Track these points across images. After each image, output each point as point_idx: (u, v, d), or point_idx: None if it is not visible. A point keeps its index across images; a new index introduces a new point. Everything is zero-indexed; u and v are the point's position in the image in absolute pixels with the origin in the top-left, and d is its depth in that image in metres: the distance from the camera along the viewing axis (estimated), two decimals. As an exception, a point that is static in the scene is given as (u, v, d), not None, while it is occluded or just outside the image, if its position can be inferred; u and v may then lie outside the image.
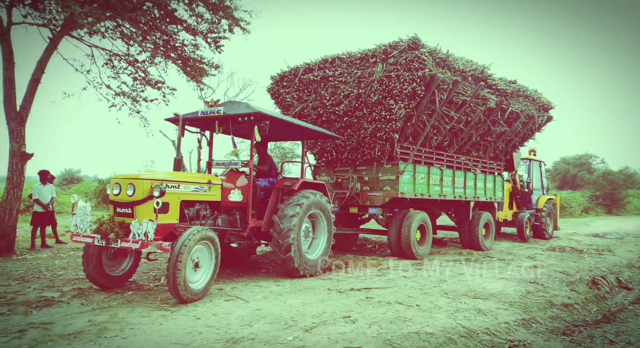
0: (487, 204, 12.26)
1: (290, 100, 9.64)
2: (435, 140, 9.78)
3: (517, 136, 12.01)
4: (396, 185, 8.99)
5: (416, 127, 9.11)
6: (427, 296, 5.57)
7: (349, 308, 4.88)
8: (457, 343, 3.81)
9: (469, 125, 10.15)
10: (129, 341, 3.68)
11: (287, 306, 4.93)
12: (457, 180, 10.70)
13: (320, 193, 6.96)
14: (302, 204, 6.39)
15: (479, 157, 11.58)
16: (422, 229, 9.61)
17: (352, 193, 9.26)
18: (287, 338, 3.80)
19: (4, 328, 4.03)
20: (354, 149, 9.34)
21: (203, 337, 3.81)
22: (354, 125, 9.06)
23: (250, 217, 6.26)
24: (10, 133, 8.94)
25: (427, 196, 9.75)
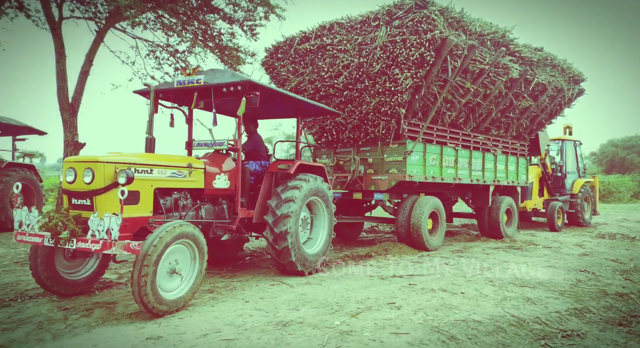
0: (509, 188, 11.08)
1: (286, 74, 8.63)
2: (449, 116, 8.65)
3: (544, 112, 10.73)
4: (403, 167, 7.94)
5: (426, 101, 8.00)
6: (471, 284, 5.50)
7: (392, 294, 4.91)
8: (507, 331, 3.76)
9: (487, 99, 8.96)
10: (185, 321, 3.87)
11: (331, 291, 5.00)
12: (474, 162, 9.57)
13: (320, 178, 6.04)
14: (301, 188, 5.48)
15: (500, 136, 10.39)
16: (434, 217, 8.56)
17: (355, 177, 8.26)
18: (334, 322, 3.87)
19: (72, 306, 4.28)
20: (356, 127, 8.31)
21: (254, 319, 3.95)
22: (355, 100, 8.01)
23: (240, 207, 5.32)
24: (64, 123, 9.55)
25: (440, 179, 8.67)
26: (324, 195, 5.95)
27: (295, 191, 5.43)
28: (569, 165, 13.82)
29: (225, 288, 5.00)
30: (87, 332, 3.56)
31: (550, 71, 9.82)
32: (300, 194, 5.45)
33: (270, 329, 3.68)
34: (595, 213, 14.65)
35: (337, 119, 8.36)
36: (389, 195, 8.47)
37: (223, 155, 5.50)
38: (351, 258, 7.14)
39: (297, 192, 5.42)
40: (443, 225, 8.67)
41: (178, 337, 3.46)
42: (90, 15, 10.87)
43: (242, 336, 3.52)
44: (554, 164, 13.46)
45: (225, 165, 5.38)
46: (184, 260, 4.20)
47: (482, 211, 10.33)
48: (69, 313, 4.05)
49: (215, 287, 5.09)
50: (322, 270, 5.92)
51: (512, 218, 10.67)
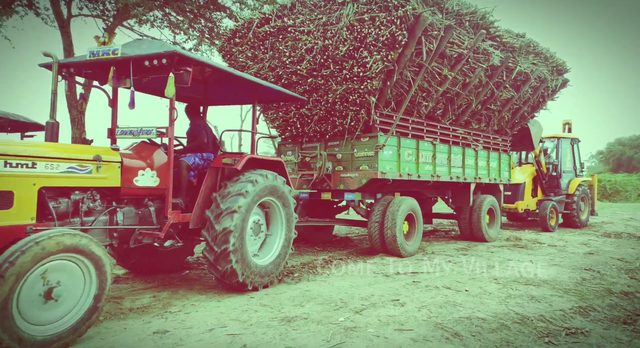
0: (491, 186, 10.36)
1: (244, 60, 7.70)
2: (425, 107, 7.84)
3: (526, 104, 10.04)
4: (375, 163, 7.08)
5: (399, 89, 7.17)
6: (475, 281, 5.51)
7: (396, 291, 4.93)
8: (510, 329, 3.79)
9: (467, 89, 8.20)
10: (192, 316, 3.91)
11: (335, 288, 5.03)
12: (453, 158, 8.79)
13: (275, 174, 5.07)
14: (247, 193, 4.47)
15: (481, 130, 9.65)
16: (410, 220, 7.73)
17: (322, 175, 7.36)
18: (339, 319, 3.90)
19: None
20: (322, 119, 7.42)
21: (259, 315, 3.99)
22: (320, 88, 7.12)
23: (171, 209, 4.31)
24: (71, 121, 9.54)
25: (416, 177, 7.85)
26: (281, 195, 5.02)
27: (239, 198, 4.40)
28: (565, 164, 13.13)
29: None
30: (95, 326, 3.51)
31: (532, 59, 9.13)
32: (246, 201, 4.44)
33: (275, 325, 3.72)
34: (593, 214, 14.01)
35: (301, 110, 7.46)
36: (361, 195, 7.60)
37: (153, 146, 4.52)
38: (355, 256, 7.08)
39: (242, 199, 4.42)
40: (420, 228, 7.85)
41: (184, 332, 3.50)
42: (98, 13, 11.22)
43: (248, 331, 3.55)
44: (549, 163, 12.77)
45: (155, 159, 4.39)
46: (70, 282, 3.18)
47: (462, 211, 9.57)
48: None
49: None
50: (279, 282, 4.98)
51: (494, 218, 9.94)
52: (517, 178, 12.27)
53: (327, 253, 7.63)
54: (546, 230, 11.61)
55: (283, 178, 5.05)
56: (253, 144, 5.42)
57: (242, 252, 4.43)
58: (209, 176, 4.68)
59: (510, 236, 10.14)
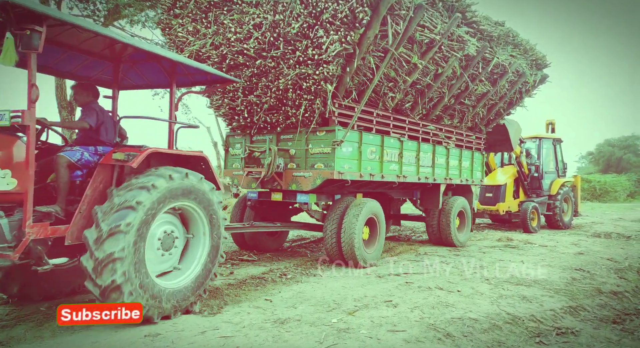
0: (463, 188, 9.63)
1: (184, 35, 6.61)
2: (392, 99, 6.96)
3: (503, 100, 9.29)
4: (331, 162, 6.17)
5: (361, 77, 6.25)
6: (467, 282, 5.55)
7: (389, 292, 4.94)
8: (502, 329, 3.82)
9: (439, 80, 7.35)
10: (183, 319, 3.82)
11: (328, 289, 5.03)
12: (423, 156, 7.97)
13: (187, 173, 3.96)
14: (139, 205, 3.41)
15: (453, 126, 8.85)
16: (371, 224, 6.88)
17: (271, 173, 6.40)
18: (332, 320, 3.90)
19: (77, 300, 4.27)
20: (273, 108, 6.44)
21: (251, 317, 3.96)
22: (270, 72, 6.13)
23: (31, 221, 3.19)
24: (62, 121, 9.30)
25: (380, 177, 6.99)
26: (200, 197, 4.00)
27: (129, 213, 3.36)
28: (548, 165, 12.79)
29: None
30: (85, 329, 3.48)
31: (511, 51, 8.35)
32: (137, 216, 3.37)
33: (268, 327, 3.70)
34: (576, 215, 13.72)
35: (249, 97, 6.45)
36: (316, 196, 6.68)
37: (8, 136, 3.40)
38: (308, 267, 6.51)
39: (132, 213, 3.37)
40: (382, 234, 7.01)
41: (176, 334, 3.47)
42: (88, 13, 11.11)
43: (240, 333, 3.53)
44: (530, 164, 12.41)
45: (9, 154, 3.28)
46: None
47: (431, 214, 8.81)
48: None
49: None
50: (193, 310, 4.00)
51: (464, 222, 9.21)
52: (499, 180, 12.04)
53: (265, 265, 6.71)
54: (527, 232, 11.34)
55: (199, 176, 4.03)
56: (171, 136, 4.38)
57: (140, 279, 3.42)
58: (98, 176, 3.63)
59: (501, 236, 10.09)
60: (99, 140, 3.98)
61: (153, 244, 3.70)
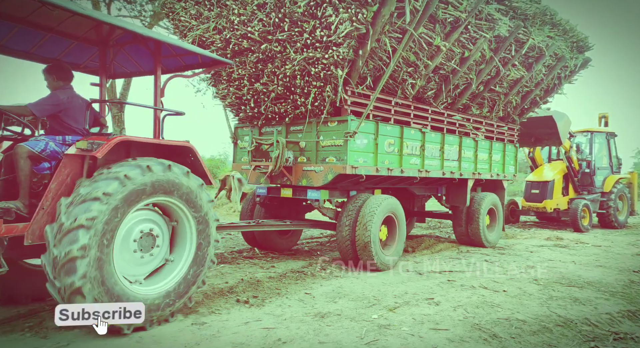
0: (493, 183, 8.88)
1: (187, 19, 6.20)
2: (412, 86, 6.32)
3: (539, 87, 8.45)
4: (344, 155, 5.63)
5: (377, 61, 5.66)
6: (514, 282, 5.37)
7: (430, 290, 4.85)
8: (553, 332, 3.64)
9: (465, 65, 6.65)
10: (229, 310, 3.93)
11: (368, 285, 4.99)
12: (447, 149, 7.30)
13: (168, 164, 3.47)
14: (107, 196, 2.99)
15: (483, 116, 8.11)
16: (389, 224, 6.30)
17: (279, 167, 5.91)
18: (372, 316, 3.87)
19: None
20: (280, 97, 5.94)
21: (292, 309, 4.02)
22: (276, 57, 5.63)
23: None
24: (112, 118, 9.81)
25: (399, 172, 6.39)
26: (185, 194, 3.54)
27: (91, 206, 2.95)
28: (600, 160, 11.99)
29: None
30: None
31: (549, 31, 7.51)
32: (103, 204, 2.95)
33: (308, 320, 3.74)
34: (633, 214, 12.82)
35: (255, 85, 5.98)
36: (328, 193, 6.16)
37: None
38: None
39: (97, 206, 2.95)
40: (401, 234, 6.41)
41: (221, 324, 3.57)
42: (136, 14, 11.71)
43: (282, 325, 3.58)
44: (581, 160, 11.68)
45: None
46: None
47: (458, 211, 8.12)
48: None
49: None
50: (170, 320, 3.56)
51: (495, 220, 8.47)
52: (546, 176, 11.54)
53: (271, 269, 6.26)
54: (578, 231, 10.66)
55: (185, 170, 3.57)
56: (157, 124, 3.93)
57: (106, 283, 3.00)
58: (64, 168, 3.22)
59: (550, 235, 9.66)
60: (68, 129, 3.58)
61: (128, 244, 3.28)
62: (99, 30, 4.16)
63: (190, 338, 3.25)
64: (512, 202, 12.44)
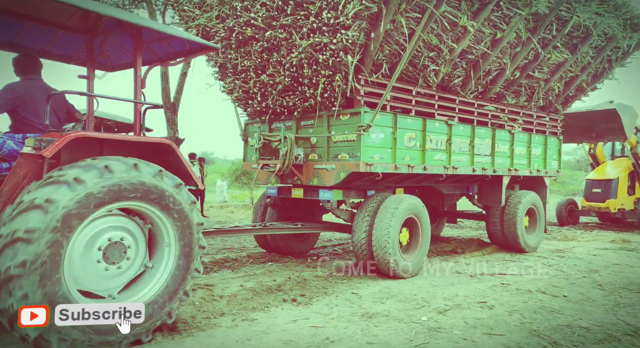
0: (533, 180, 8.03)
1: (191, 8, 5.82)
2: (436, 73, 5.67)
3: (585, 71, 7.52)
4: (357, 151, 5.08)
5: (393, 45, 5.06)
6: (575, 287, 5.06)
7: (483, 293, 4.66)
8: (621, 341, 3.41)
9: (498, 47, 5.91)
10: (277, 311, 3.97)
11: (416, 286, 4.90)
12: (478, 143, 6.57)
13: (135, 163, 3.04)
14: (52, 204, 2.60)
15: (520, 106, 7.30)
16: (411, 226, 5.69)
17: (287, 166, 5.44)
18: (421, 318, 3.80)
19: None
20: (288, 88, 5.46)
21: (340, 309, 4.03)
22: (282, 44, 5.15)
23: None
24: (167, 121, 10.10)
25: (422, 169, 5.75)
26: (162, 198, 3.11)
27: (36, 206, 2.57)
28: None
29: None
30: (196, 310, 3.82)
31: (596, 7, 6.59)
32: (48, 214, 2.57)
33: (356, 320, 3.73)
34: None
35: (262, 77, 5.52)
36: (342, 193, 5.63)
37: None
38: (435, 254, 6.79)
39: (42, 207, 2.55)
40: (425, 237, 5.78)
41: (270, 321, 3.65)
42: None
43: (329, 324, 3.59)
44: None
45: None
46: None
47: (492, 212, 7.37)
48: None
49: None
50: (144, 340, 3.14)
51: (535, 222, 7.64)
52: (609, 174, 10.86)
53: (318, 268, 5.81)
54: None
55: (156, 169, 3.12)
56: (137, 119, 3.52)
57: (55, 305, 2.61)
58: (19, 169, 2.86)
59: (615, 238, 9.01)
60: (30, 125, 3.24)
61: (91, 256, 2.89)
62: (84, 18, 3.82)
63: (242, 334, 3.35)
64: (571, 202, 11.69)
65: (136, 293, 3.15)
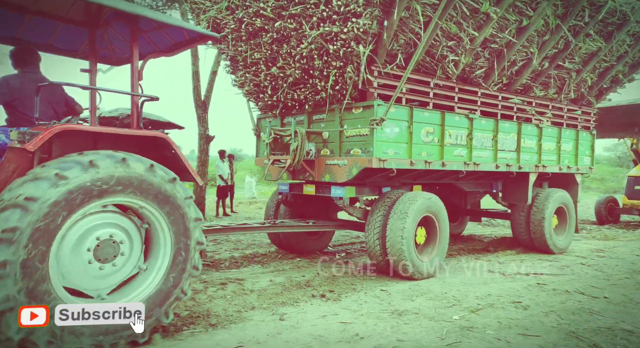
0: (563, 177, 7.57)
1: (202, 0, 5.69)
2: (456, 63, 5.35)
3: (621, 61, 6.99)
4: (370, 146, 4.84)
5: (408, 34, 4.78)
6: (616, 288, 4.86)
7: (517, 293, 4.53)
8: None
9: (524, 35, 5.53)
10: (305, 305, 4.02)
11: (446, 284, 4.82)
12: (502, 138, 6.21)
13: (136, 159, 2.95)
14: (33, 202, 2.50)
15: (548, 98, 6.86)
16: (428, 225, 5.42)
17: (298, 161, 5.25)
18: (453, 316, 3.74)
19: (210, 280, 4.76)
20: (299, 81, 5.26)
21: (368, 305, 4.01)
22: (291, 35, 4.95)
23: None
24: (197, 119, 10.20)
25: (440, 165, 5.46)
26: (154, 193, 2.97)
27: (16, 205, 2.47)
28: None
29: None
30: (227, 303, 3.96)
31: (634, -10, 6.10)
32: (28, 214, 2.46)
33: (385, 317, 3.71)
34: None
35: (272, 70, 5.34)
36: (355, 189, 5.40)
37: None
38: (466, 252, 6.73)
39: (22, 207, 2.46)
40: (443, 236, 5.49)
41: (300, 316, 3.70)
42: None
43: (358, 321, 3.59)
44: None
45: None
46: None
47: (518, 210, 6.98)
48: (208, 285, 4.55)
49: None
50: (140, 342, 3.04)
51: (565, 222, 7.20)
52: None
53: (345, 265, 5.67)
54: None
55: (147, 163, 2.98)
56: (135, 111, 3.40)
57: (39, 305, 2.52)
58: (8, 164, 2.77)
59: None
60: (24, 119, 3.16)
61: (80, 254, 2.79)
62: (83, 9, 3.74)
63: (273, 328, 3.40)
64: (611, 200, 11.18)
65: (129, 294, 3.04)
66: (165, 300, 3.13)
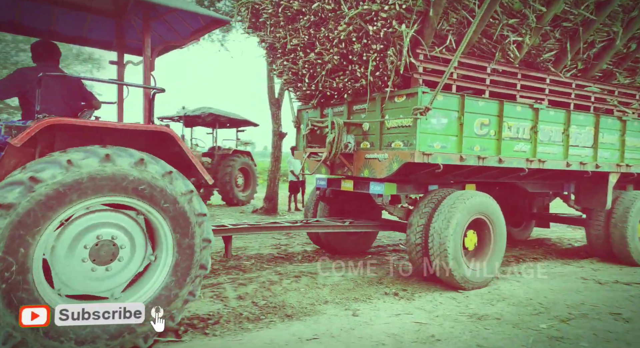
0: (651, 180, 6.48)
1: (239, -12, 5.48)
2: (518, 45, 4.66)
3: None
4: (412, 138, 4.34)
5: (460, 12, 4.20)
6: None
7: (616, 304, 4.22)
8: None
9: (604, 12, 4.70)
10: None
11: (532, 290, 4.59)
12: (575, 132, 5.38)
13: (124, 154, 2.72)
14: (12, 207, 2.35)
15: (635, 87, 5.86)
16: (480, 228, 4.80)
17: (334, 154, 4.87)
18: (540, 325, 3.55)
19: (284, 272, 4.86)
20: (337, 68, 4.86)
21: (444, 307, 3.91)
22: (329, 17, 4.56)
23: None
24: (271, 116, 10.52)
25: (496, 162, 4.81)
26: (146, 190, 2.72)
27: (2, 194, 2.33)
28: None
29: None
30: (301, 296, 4.05)
31: None
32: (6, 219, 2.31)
33: (463, 320, 3.59)
34: None
35: (310, 57, 4.99)
36: (396, 186, 4.91)
37: None
38: (555, 256, 6.37)
39: (13, 194, 2.31)
40: (499, 242, 4.84)
41: (373, 313, 3.68)
42: None
43: (434, 322, 3.50)
44: None
45: None
46: None
47: (595, 216, 6.07)
48: (283, 277, 4.65)
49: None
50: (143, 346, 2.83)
51: (653, 231, 6.15)
52: None
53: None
54: None
55: (137, 157, 2.73)
56: (147, 104, 3.19)
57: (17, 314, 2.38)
58: (7, 160, 2.66)
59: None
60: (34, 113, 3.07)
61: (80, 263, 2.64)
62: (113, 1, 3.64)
63: (345, 323, 3.42)
64: None
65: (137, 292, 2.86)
66: (171, 301, 2.91)
